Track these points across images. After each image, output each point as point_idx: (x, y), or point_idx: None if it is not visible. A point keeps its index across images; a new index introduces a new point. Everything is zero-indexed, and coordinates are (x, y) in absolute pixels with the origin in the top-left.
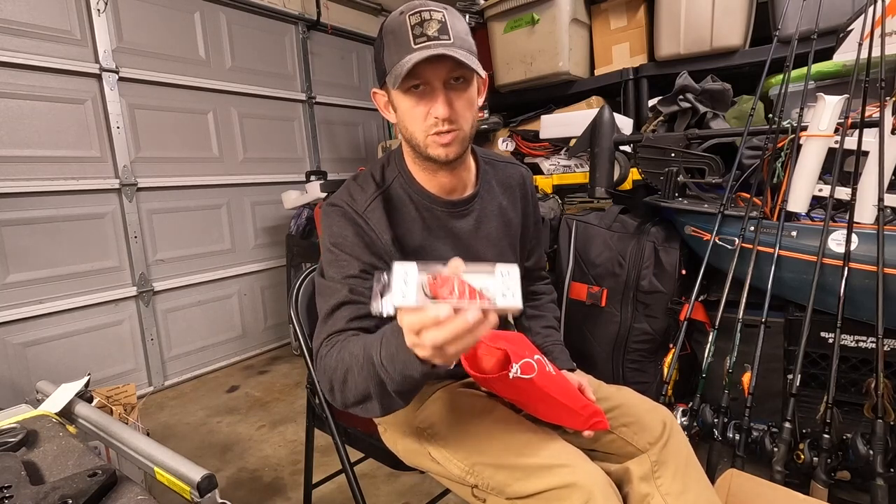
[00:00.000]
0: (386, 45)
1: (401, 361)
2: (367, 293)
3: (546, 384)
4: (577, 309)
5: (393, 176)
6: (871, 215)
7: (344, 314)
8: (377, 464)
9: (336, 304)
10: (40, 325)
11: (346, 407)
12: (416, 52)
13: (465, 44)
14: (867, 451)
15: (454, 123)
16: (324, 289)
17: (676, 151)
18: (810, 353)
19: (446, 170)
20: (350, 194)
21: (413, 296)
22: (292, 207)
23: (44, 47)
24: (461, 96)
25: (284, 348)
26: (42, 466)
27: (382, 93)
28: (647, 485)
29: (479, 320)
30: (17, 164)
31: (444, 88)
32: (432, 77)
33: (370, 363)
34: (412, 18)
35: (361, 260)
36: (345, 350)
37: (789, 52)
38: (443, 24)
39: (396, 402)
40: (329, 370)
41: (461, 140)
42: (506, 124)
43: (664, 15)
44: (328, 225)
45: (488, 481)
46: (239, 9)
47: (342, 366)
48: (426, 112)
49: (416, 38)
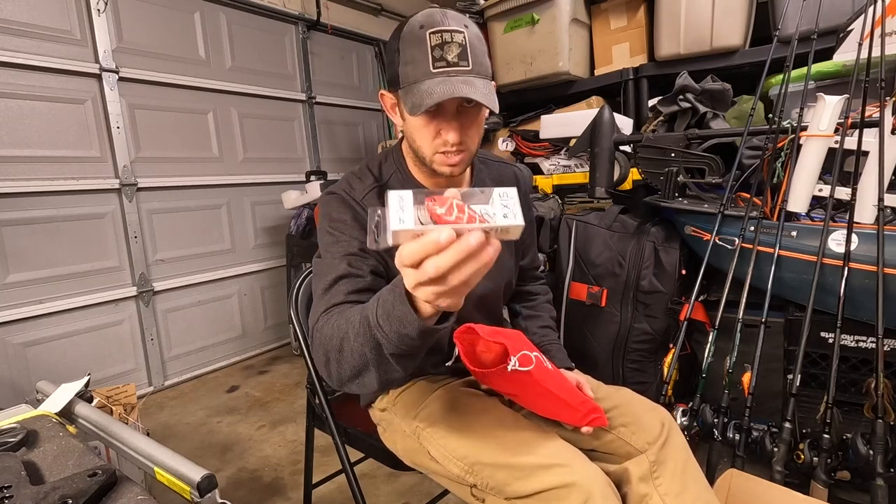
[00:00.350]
0: (401, 55)
1: (397, 318)
2: (366, 269)
3: (544, 378)
4: (577, 309)
5: (391, 172)
6: (871, 215)
7: (343, 288)
8: (377, 464)
9: (335, 278)
10: (40, 325)
11: (343, 383)
12: (436, 80)
13: (482, 69)
14: (867, 451)
15: (462, 145)
16: (321, 267)
17: (676, 151)
18: (810, 353)
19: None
20: (349, 183)
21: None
22: (292, 207)
23: (44, 47)
24: (472, 121)
25: (284, 348)
26: (42, 466)
27: (391, 95)
28: (646, 485)
29: (482, 243)
30: (17, 164)
31: (457, 112)
32: (447, 103)
33: (366, 325)
34: (433, 38)
35: (360, 240)
36: (342, 317)
37: (789, 52)
38: (463, 49)
39: (394, 369)
40: (325, 340)
41: (468, 157)
42: (506, 124)
43: (664, 15)
44: (326, 211)
45: (487, 481)
46: (239, 9)
47: (338, 333)
48: (436, 132)
49: (435, 60)
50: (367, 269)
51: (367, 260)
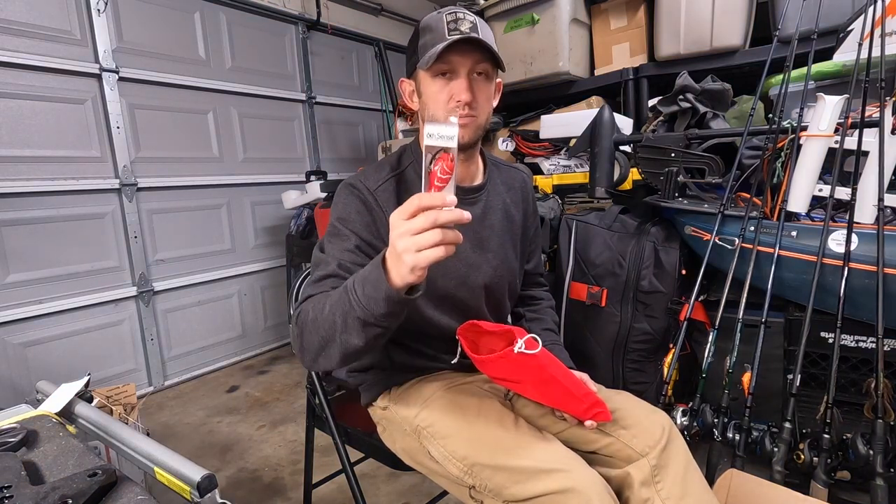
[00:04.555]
0: (422, 36)
1: (371, 282)
2: (355, 270)
3: (549, 364)
4: (577, 309)
5: (409, 162)
6: (871, 215)
7: (331, 283)
8: (377, 464)
9: (326, 275)
10: (40, 325)
11: (311, 357)
12: (449, 41)
13: (492, 43)
14: (867, 451)
15: (473, 110)
16: (319, 260)
17: (676, 151)
18: (810, 353)
19: (459, 157)
20: (365, 174)
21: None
22: (292, 207)
23: (44, 47)
24: (482, 89)
25: (284, 348)
26: (42, 466)
27: (410, 81)
28: (648, 489)
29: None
30: (17, 164)
31: (468, 78)
32: (459, 65)
33: (343, 291)
34: (448, 17)
35: (360, 237)
36: (324, 296)
37: (789, 53)
38: (474, 25)
39: (356, 335)
40: (303, 316)
41: (476, 127)
42: (506, 124)
43: (664, 15)
44: (337, 201)
45: (486, 483)
46: (239, 9)
47: (317, 307)
48: (449, 95)
49: (450, 31)
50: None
51: (359, 258)
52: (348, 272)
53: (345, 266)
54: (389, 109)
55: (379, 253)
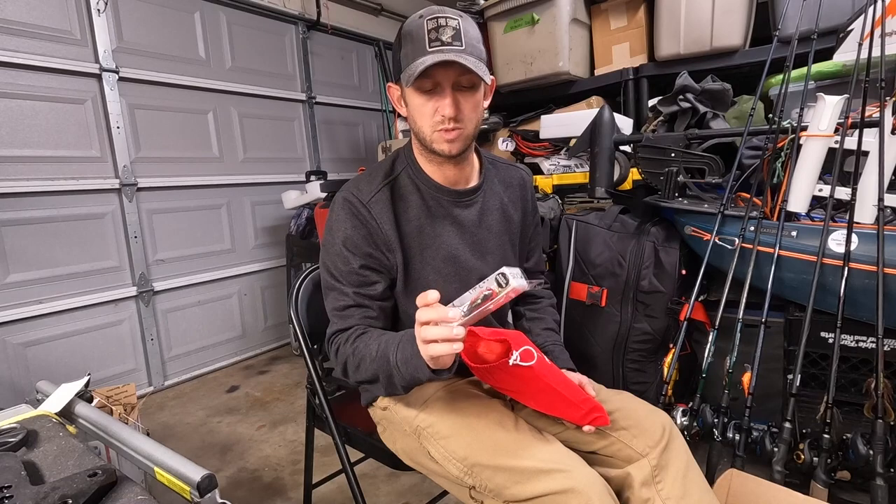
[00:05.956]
0: (403, 45)
1: (413, 366)
2: (373, 292)
3: (546, 374)
4: (577, 309)
5: (402, 167)
6: (871, 215)
7: (355, 313)
8: (377, 464)
9: (346, 305)
10: (40, 325)
11: (354, 382)
12: (430, 56)
13: (475, 51)
14: (867, 451)
15: (459, 122)
16: (331, 286)
17: (676, 151)
18: (810, 353)
19: (451, 163)
20: (357, 185)
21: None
22: (292, 207)
23: (44, 47)
24: (468, 99)
25: (284, 348)
26: (42, 466)
27: (397, 87)
28: (648, 489)
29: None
30: (17, 164)
31: (453, 90)
32: (442, 79)
33: (385, 360)
34: (429, 23)
35: (362, 254)
36: (360, 341)
37: (789, 53)
38: (457, 31)
39: (399, 391)
40: (344, 356)
41: (465, 138)
42: (506, 124)
43: (664, 15)
44: (332, 218)
45: (486, 483)
46: (239, 9)
47: (357, 354)
48: (434, 110)
49: (431, 41)
50: (375, 292)
51: (367, 279)
52: (365, 297)
53: (360, 293)
54: (389, 109)
55: (379, 261)
